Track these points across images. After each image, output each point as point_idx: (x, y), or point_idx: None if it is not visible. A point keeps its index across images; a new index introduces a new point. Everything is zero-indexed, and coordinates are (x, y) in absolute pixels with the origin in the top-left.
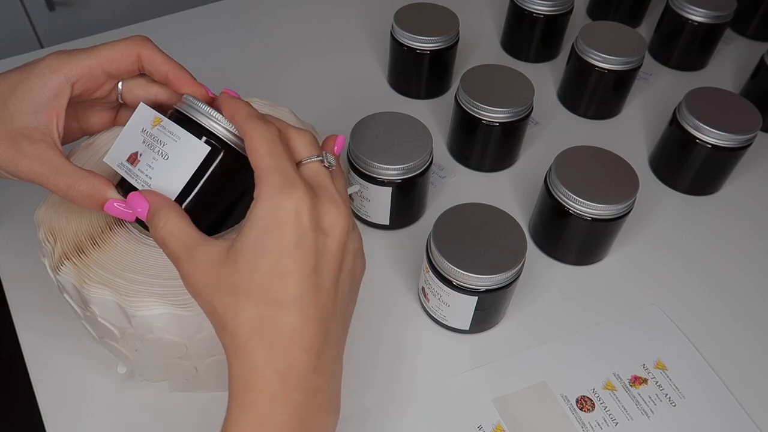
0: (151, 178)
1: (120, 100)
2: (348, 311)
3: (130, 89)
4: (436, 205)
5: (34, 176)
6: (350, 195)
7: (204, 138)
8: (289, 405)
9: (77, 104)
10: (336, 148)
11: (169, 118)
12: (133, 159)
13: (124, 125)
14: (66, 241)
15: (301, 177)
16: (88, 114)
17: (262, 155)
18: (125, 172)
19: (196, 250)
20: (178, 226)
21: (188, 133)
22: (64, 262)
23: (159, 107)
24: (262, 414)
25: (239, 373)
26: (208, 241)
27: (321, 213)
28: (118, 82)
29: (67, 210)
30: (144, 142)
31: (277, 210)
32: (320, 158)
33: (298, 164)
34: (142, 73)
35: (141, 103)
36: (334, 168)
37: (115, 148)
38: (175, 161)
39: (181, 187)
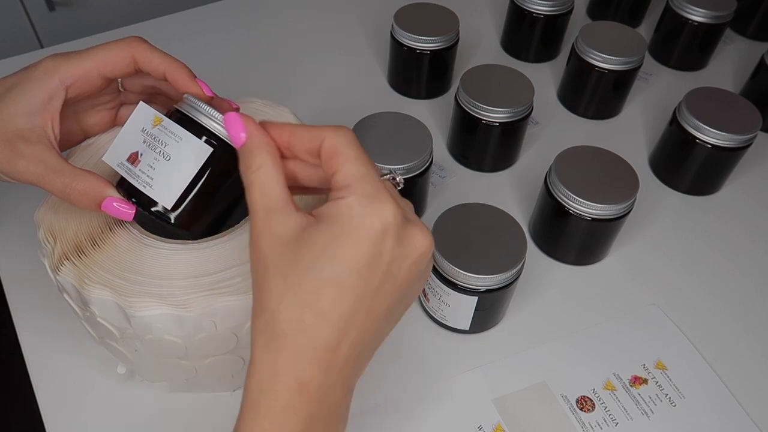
0: (152, 179)
1: (120, 89)
2: (386, 333)
3: (132, 78)
4: (436, 205)
5: (30, 177)
6: None
7: (204, 138)
8: (304, 416)
9: (76, 105)
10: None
11: (170, 118)
12: (133, 159)
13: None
14: (66, 242)
15: (389, 192)
16: (88, 115)
17: (350, 158)
18: (125, 171)
19: (274, 214)
20: (269, 179)
21: (190, 134)
22: (64, 262)
23: (161, 97)
24: (276, 421)
25: (260, 373)
26: (288, 209)
27: (407, 236)
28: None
29: (67, 210)
30: (144, 141)
31: (363, 220)
32: (392, 176)
33: None
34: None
35: (141, 102)
36: (401, 187)
37: (114, 148)
38: (177, 162)
39: (183, 188)
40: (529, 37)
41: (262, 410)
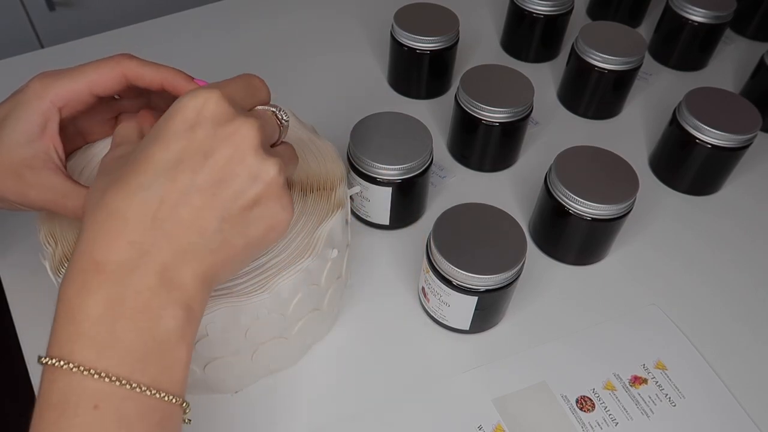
0: None
1: (116, 96)
2: (223, 234)
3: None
4: (436, 205)
5: (43, 204)
6: (350, 196)
7: None
8: (102, 298)
9: (75, 119)
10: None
11: None
12: None
13: None
14: (67, 244)
15: (228, 94)
16: (87, 126)
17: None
18: None
19: (122, 147)
20: (128, 127)
21: None
22: (65, 264)
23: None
24: (66, 308)
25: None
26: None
27: (226, 118)
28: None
29: None
30: None
31: (182, 100)
32: (273, 109)
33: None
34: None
35: None
36: (286, 125)
37: None
38: None
39: None
40: (529, 37)
41: (60, 298)
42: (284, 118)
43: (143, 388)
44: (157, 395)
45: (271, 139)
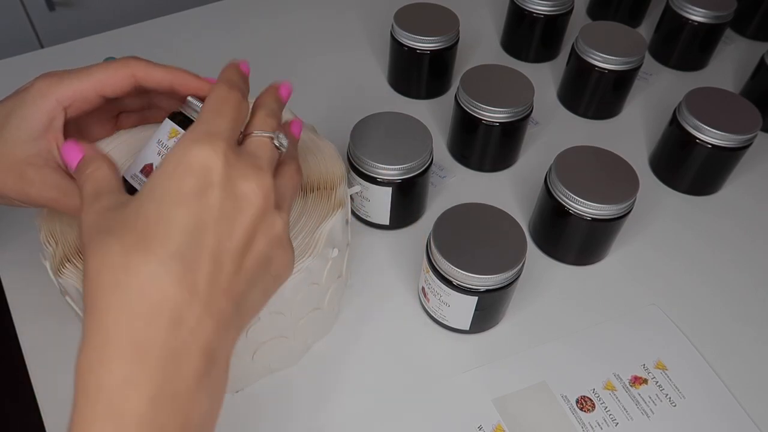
0: None
1: None
2: (249, 298)
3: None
4: (436, 205)
5: (45, 201)
6: (350, 195)
7: None
8: (147, 394)
9: (77, 119)
10: (292, 127)
11: (173, 120)
12: (147, 171)
13: (127, 129)
14: (67, 244)
15: (229, 141)
16: (89, 126)
17: (202, 112)
18: (139, 183)
19: (105, 196)
20: (104, 173)
21: None
22: (66, 264)
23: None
24: (110, 408)
25: (87, 346)
26: (121, 191)
27: (236, 176)
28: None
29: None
30: (159, 153)
31: (184, 157)
32: (270, 135)
33: (245, 137)
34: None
35: (166, 118)
36: (284, 150)
37: (133, 162)
38: None
39: None
40: (529, 37)
41: (92, 392)
42: (282, 144)
43: None
44: None
45: (272, 166)
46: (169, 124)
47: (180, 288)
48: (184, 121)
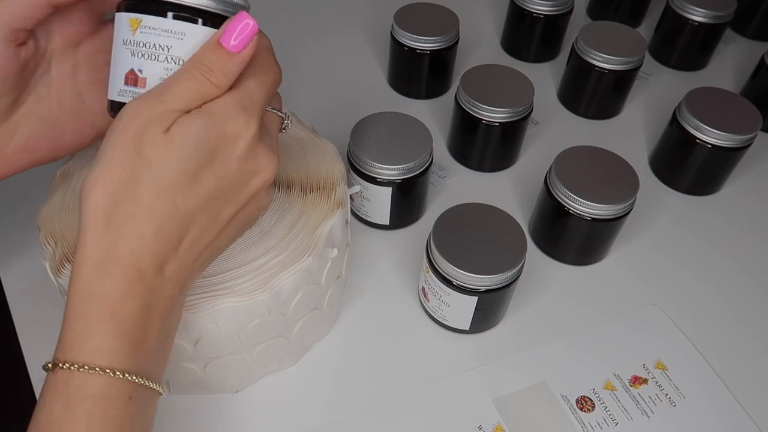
0: None
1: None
2: (223, 245)
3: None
4: (436, 205)
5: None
6: (350, 195)
7: (200, 21)
8: (141, 304)
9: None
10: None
11: (132, 10)
12: (133, 80)
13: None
14: (67, 244)
15: (261, 116)
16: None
17: (260, 81)
18: (130, 95)
19: (173, 103)
20: (201, 90)
21: (190, 23)
22: (66, 264)
23: None
24: (114, 308)
25: (95, 255)
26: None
27: (258, 152)
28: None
29: (67, 213)
30: (133, 54)
31: (225, 122)
32: (283, 115)
33: None
34: None
35: (116, 13)
36: (287, 131)
37: (111, 79)
38: None
39: None
40: (529, 37)
41: (97, 297)
42: (288, 126)
43: (153, 384)
44: (156, 387)
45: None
46: (124, 17)
47: (180, 234)
48: (134, 4)
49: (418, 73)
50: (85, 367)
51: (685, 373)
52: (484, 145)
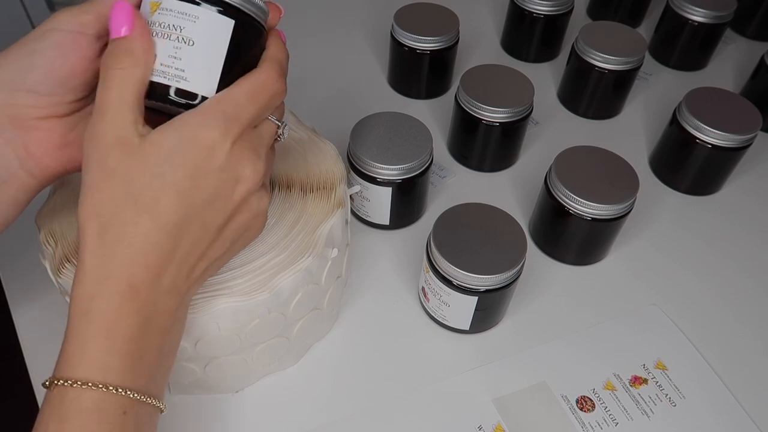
0: (184, 70)
1: None
2: (222, 262)
3: None
4: (436, 205)
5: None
6: (350, 195)
7: (217, 8)
8: (138, 319)
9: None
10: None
11: None
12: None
13: None
14: (67, 244)
15: (247, 126)
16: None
17: (239, 88)
18: (170, 77)
19: (126, 115)
20: (133, 81)
21: (207, 6)
22: (66, 264)
23: None
24: (109, 325)
25: (90, 278)
26: (139, 117)
27: (239, 161)
28: None
29: (67, 213)
30: (157, 34)
31: (200, 132)
32: (280, 123)
33: None
34: None
35: None
36: (283, 141)
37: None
38: (203, 44)
39: (221, 71)
40: (529, 37)
41: (93, 315)
42: (283, 135)
43: (151, 399)
44: (155, 403)
45: (269, 149)
46: (146, 1)
47: (172, 247)
48: None
49: (418, 73)
50: (78, 382)
51: (685, 373)
52: (484, 145)
